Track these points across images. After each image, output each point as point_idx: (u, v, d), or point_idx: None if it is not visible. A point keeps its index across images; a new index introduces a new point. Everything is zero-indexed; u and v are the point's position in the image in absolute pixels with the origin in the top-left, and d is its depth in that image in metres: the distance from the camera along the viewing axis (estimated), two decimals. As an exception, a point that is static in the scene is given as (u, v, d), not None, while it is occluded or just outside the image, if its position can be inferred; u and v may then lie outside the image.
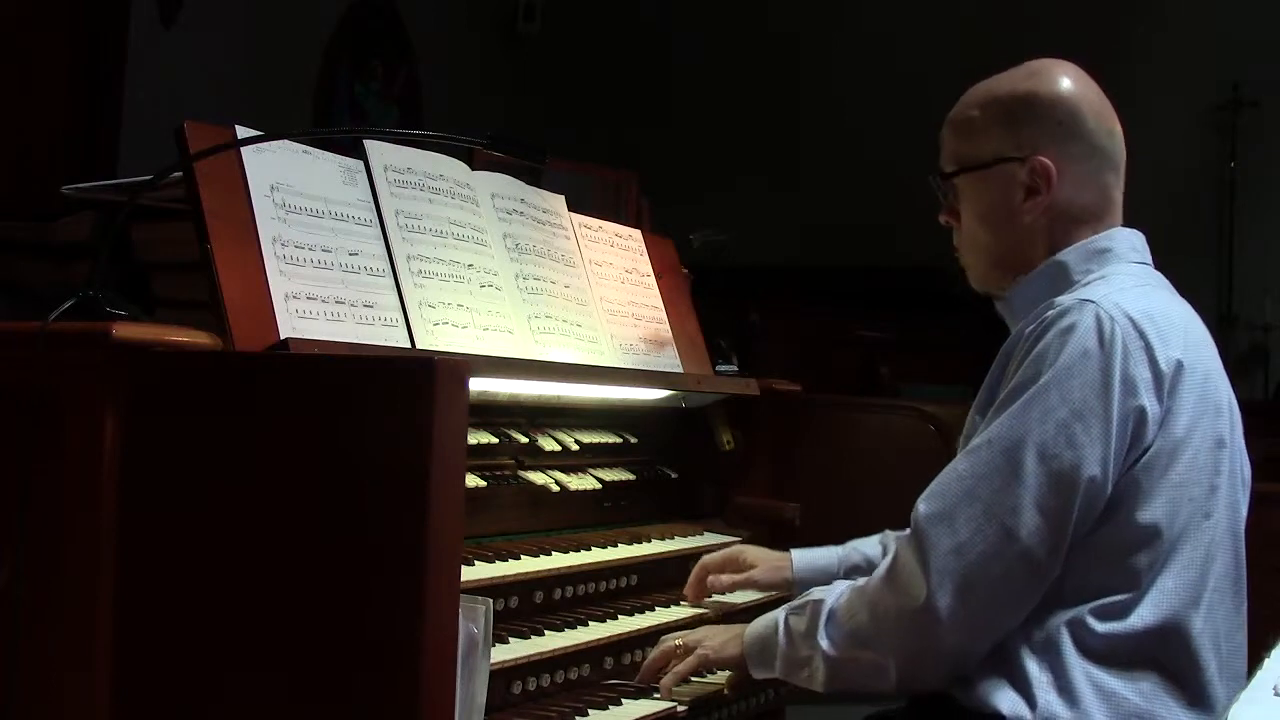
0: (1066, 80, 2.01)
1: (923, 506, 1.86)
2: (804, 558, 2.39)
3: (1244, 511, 1.98)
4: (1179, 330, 1.90)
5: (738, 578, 2.41)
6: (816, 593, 1.98)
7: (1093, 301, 1.84)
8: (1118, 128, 2.04)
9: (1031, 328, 1.87)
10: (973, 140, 2.04)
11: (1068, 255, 1.99)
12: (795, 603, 2.01)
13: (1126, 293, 1.90)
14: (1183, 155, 6.37)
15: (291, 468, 1.54)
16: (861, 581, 1.94)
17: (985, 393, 1.92)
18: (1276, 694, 1.58)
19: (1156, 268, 2.06)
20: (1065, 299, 1.88)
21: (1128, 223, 2.06)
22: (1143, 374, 1.82)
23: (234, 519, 1.56)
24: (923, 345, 5.82)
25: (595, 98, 7.59)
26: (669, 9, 7.64)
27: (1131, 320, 1.84)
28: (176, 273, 1.93)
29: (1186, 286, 2.05)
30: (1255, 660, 1.83)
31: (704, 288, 3.01)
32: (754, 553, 2.43)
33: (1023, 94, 2.01)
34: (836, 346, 5.76)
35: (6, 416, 1.66)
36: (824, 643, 1.92)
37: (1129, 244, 2.02)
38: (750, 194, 6.93)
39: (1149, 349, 1.83)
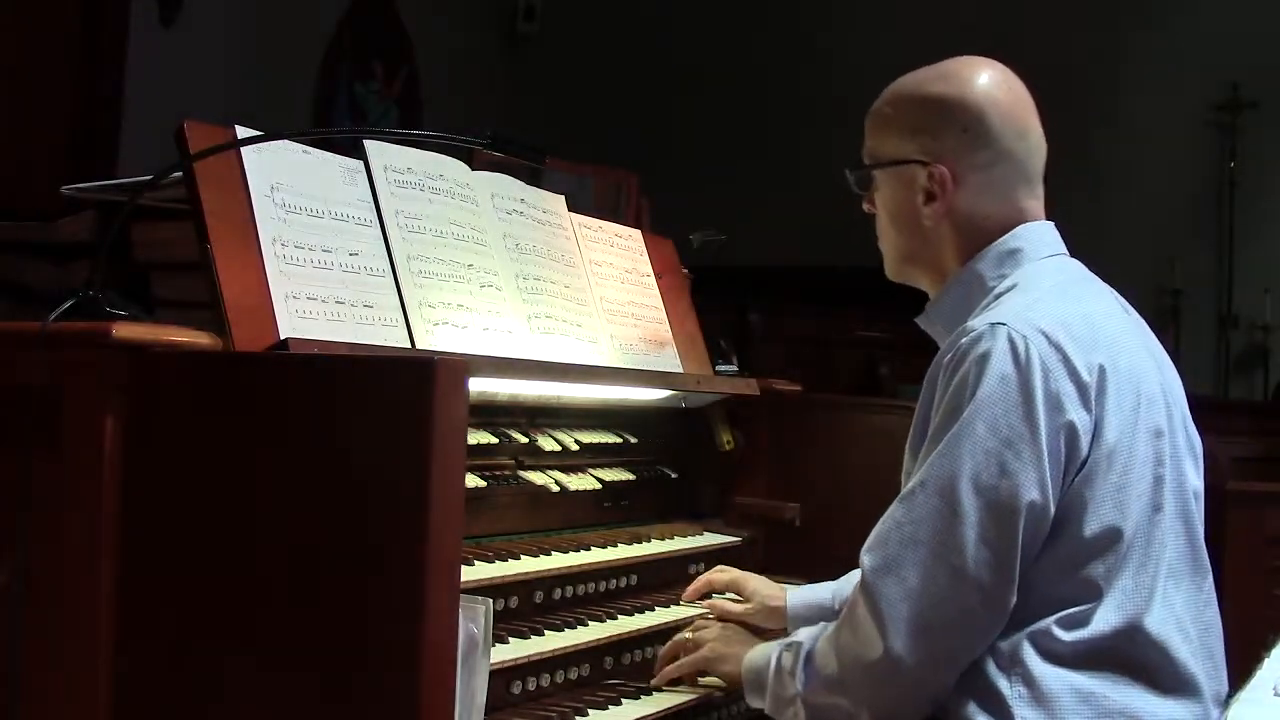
0: (978, 83, 1.99)
1: (867, 559, 1.84)
2: (798, 595, 2.39)
3: (1195, 482, 1.95)
4: (1097, 330, 1.87)
5: (736, 610, 2.40)
6: (804, 632, 1.99)
7: (1003, 324, 1.82)
8: (1033, 130, 2.01)
9: (949, 357, 1.86)
10: (884, 137, 2.05)
11: (979, 262, 1.99)
12: (789, 640, 2.01)
13: (1038, 304, 1.87)
14: (1183, 155, 6.37)
15: (291, 468, 1.54)
16: (833, 627, 1.94)
17: (917, 424, 1.90)
18: (1277, 694, 1.58)
19: (1154, 268, 2.05)
20: (976, 323, 1.85)
21: (1128, 223, 2.05)
22: (1065, 388, 1.80)
23: (234, 519, 1.56)
24: (923, 345, 5.79)
25: (595, 98, 7.58)
26: (669, 8, 7.63)
27: (1045, 335, 1.81)
28: (176, 273, 1.93)
29: (1187, 287, 2.05)
30: (1255, 660, 1.84)
31: (704, 288, 3.01)
32: (755, 584, 2.44)
33: (932, 97, 2.00)
34: (836, 346, 5.75)
35: (6, 416, 1.66)
36: (800, 686, 1.92)
37: (1038, 238, 2.00)
38: (750, 193, 6.93)
39: (1067, 361, 1.81)
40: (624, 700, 2.08)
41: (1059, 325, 1.83)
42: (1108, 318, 1.94)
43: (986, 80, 1.99)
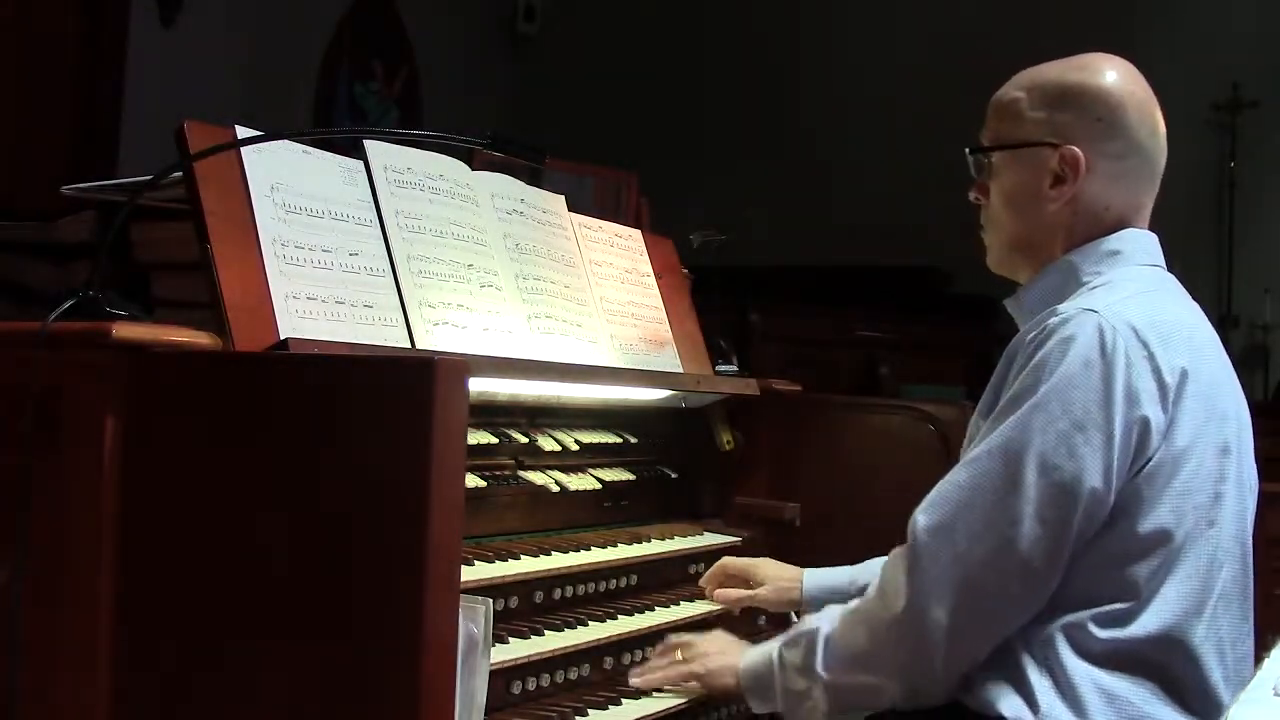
0: (1116, 77, 1.99)
1: (921, 518, 1.85)
2: (815, 578, 2.39)
3: (1251, 517, 1.96)
4: (1184, 337, 1.88)
5: (744, 594, 2.42)
6: (809, 622, 1.98)
7: (1095, 311, 1.83)
8: (1161, 131, 2.02)
9: (1033, 334, 1.85)
10: (1012, 120, 2.03)
11: (1078, 256, 1.98)
12: (788, 635, 2.00)
13: (1131, 300, 1.88)
14: (1183, 155, 6.35)
15: (291, 468, 1.54)
16: (854, 604, 1.94)
17: (988, 395, 1.91)
18: (1277, 694, 1.58)
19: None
20: (1067, 307, 1.86)
21: None
22: (1146, 384, 1.81)
23: (233, 519, 1.56)
24: (923, 345, 5.82)
25: (595, 98, 7.59)
26: (668, 8, 7.63)
27: (1134, 330, 1.82)
28: (176, 273, 1.93)
29: (1187, 286, 2.05)
30: (1255, 661, 1.83)
31: (704, 288, 3.01)
32: (768, 569, 2.44)
33: (1069, 83, 1.99)
34: (836, 346, 5.75)
35: (6, 416, 1.66)
36: (823, 672, 1.91)
37: (1140, 246, 2.00)
38: (750, 194, 6.93)
39: (1152, 358, 1.82)
40: (624, 700, 2.08)
41: (1149, 324, 1.84)
42: (1196, 329, 1.95)
43: (1124, 75, 2.00)
